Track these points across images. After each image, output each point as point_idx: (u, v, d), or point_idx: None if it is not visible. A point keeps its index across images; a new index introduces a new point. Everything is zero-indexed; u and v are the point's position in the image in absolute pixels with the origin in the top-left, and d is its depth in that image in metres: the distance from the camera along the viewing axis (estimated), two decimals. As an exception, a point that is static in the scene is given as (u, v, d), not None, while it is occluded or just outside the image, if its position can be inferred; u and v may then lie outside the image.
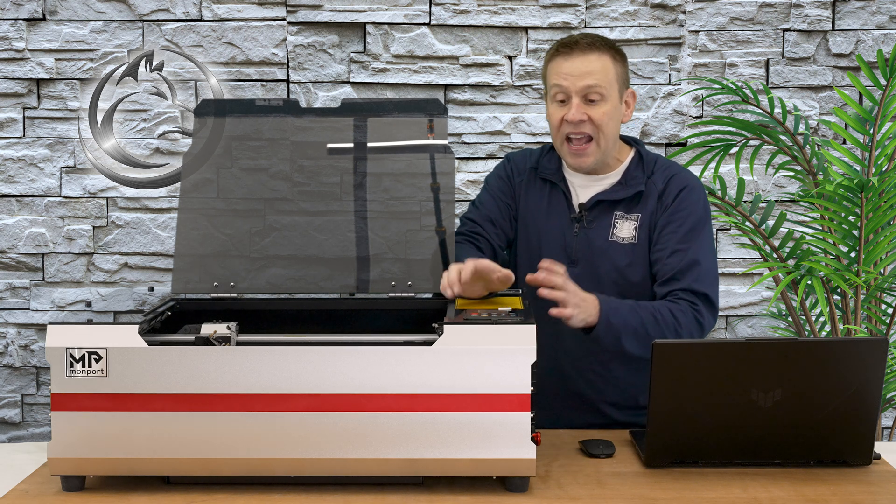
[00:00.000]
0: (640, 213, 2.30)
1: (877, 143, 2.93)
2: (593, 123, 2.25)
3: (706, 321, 2.21)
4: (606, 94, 2.25)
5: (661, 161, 2.36)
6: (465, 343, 1.78)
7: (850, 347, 1.95)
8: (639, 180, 2.31)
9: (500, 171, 2.45)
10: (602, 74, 2.24)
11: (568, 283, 2.05)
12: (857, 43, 3.40)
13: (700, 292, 2.21)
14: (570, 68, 2.25)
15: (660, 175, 2.32)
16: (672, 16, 3.41)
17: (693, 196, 2.30)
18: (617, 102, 2.28)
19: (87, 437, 1.80)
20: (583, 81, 2.24)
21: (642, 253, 2.29)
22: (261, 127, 2.21)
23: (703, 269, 2.23)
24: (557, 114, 2.27)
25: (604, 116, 2.25)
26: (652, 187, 2.31)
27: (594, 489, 1.84)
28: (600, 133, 2.25)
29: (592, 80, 2.23)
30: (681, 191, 2.29)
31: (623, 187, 2.32)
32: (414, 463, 1.80)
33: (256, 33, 3.40)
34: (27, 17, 3.38)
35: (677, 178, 2.32)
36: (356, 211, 2.19)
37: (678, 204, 2.28)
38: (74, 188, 3.44)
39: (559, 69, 2.26)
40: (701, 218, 2.29)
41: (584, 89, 2.24)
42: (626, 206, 2.31)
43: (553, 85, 2.28)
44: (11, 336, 3.47)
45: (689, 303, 2.20)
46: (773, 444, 1.93)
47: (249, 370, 1.79)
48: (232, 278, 2.15)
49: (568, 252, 2.31)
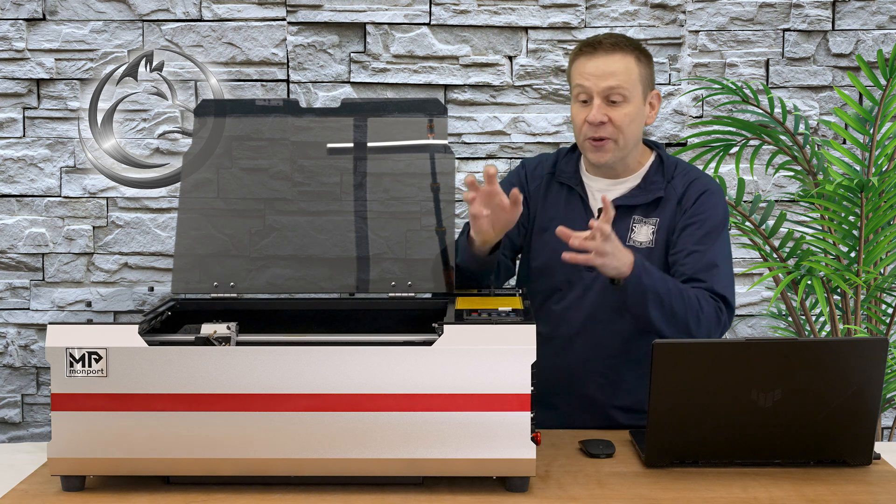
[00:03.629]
0: (659, 217, 2.28)
1: (877, 143, 2.94)
2: (614, 125, 2.23)
3: (725, 320, 2.19)
4: (629, 96, 2.23)
5: (681, 166, 2.35)
6: (465, 343, 1.78)
7: (850, 347, 1.95)
8: (658, 185, 2.30)
9: (514, 177, 2.43)
10: (625, 75, 2.23)
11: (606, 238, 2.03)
12: (857, 43, 3.40)
13: (719, 293, 2.20)
14: (593, 68, 2.23)
15: (680, 180, 2.30)
16: (672, 16, 3.42)
17: (713, 200, 2.28)
18: (640, 104, 2.26)
19: (87, 437, 1.80)
20: (605, 82, 2.22)
21: (659, 257, 2.27)
22: (261, 127, 2.21)
23: (722, 272, 2.22)
24: (580, 115, 2.26)
25: (625, 118, 2.23)
26: (671, 192, 2.29)
27: (594, 489, 1.84)
28: (621, 134, 2.24)
29: (614, 81, 2.22)
30: (701, 194, 2.28)
31: (642, 192, 2.30)
32: (414, 463, 1.80)
33: (256, 33, 3.40)
34: (27, 17, 3.38)
35: (698, 182, 2.30)
36: (356, 211, 2.19)
37: (698, 207, 2.27)
38: (74, 188, 3.44)
39: (582, 69, 2.25)
40: (720, 222, 2.28)
41: (606, 90, 2.22)
42: (644, 211, 2.29)
43: (576, 85, 2.26)
44: (11, 336, 3.47)
45: (712, 297, 2.19)
46: (773, 444, 1.93)
47: (249, 370, 1.79)
48: (232, 278, 2.14)
49: None
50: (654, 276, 2.12)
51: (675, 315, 2.11)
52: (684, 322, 2.13)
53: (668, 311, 2.11)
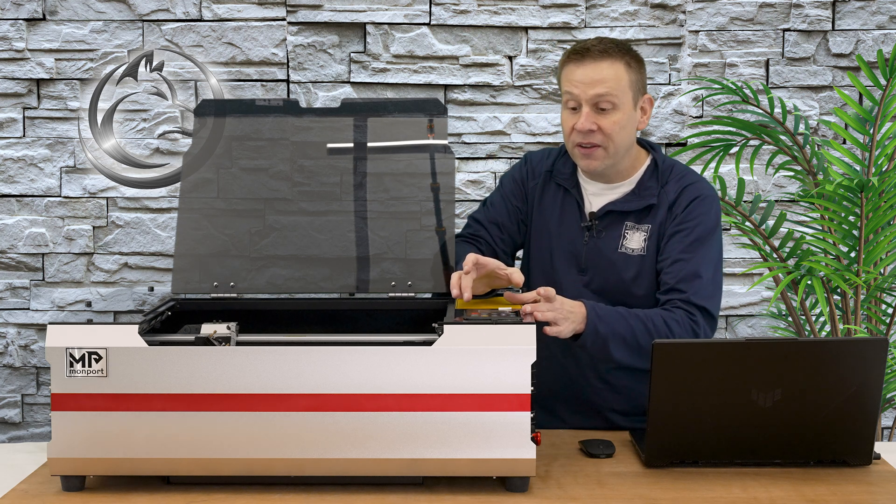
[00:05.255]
0: (651, 223, 2.27)
1: (877, 143, 2.93)
2: (603, 133, 2.20)
3: (703, 332, 2.17)
4: (618, 103, 2.20)
5: (677, 169, 2.32)
6: (465, 343, 1.78)
7: (850, 347, 1.95)
8: (652, 191, 2.27)
9: (516, 172, 2.41)
10: (614, 83, 2.19)
11: (554, 299, 2.03)
12: (857, 43, 3.40)
13: (699, 305, 2.18)
14: (581, 76, 2.20)
15: (673, 185, 2.28)
16: (672, 16, 3.42)
17: (704, 206, 2.25)
18: (630, 110, 2.23)
19: (87, 437, 1.80)
20: (593, 90, 2.19)
21: (650, 264, 2.25)
22: (261, 127, 2.21)
23: (704, 282, 2.19)
24: (569, 121, 2.24)
25: (614, 126, 2.20)
26: (664, 197, 2.27)
27: (594, 489, 1.84)
28: (610, 142, 2.21)
29: (603, 89, 2.18)
30: (692, 200, 2.25)
31: (635, 197, 2.28)
32: (414, 463, 1.80)
33: (256, 33, 3.40)
34: (27, 17, 3.38)
35: (691, 187, 2.27)
36: (356, 211, 2.19)
37: (687, 213, 2.24)
38: (74, 188, 3.44)
39: (571, 76, 2.22)
40: (709, 229, 2.25)
41: (595, 98, 2.19)
42: (636, 217, 2.27)
43: (565, 91, 2.24)
44: (11, 336, 3.47)
45: (686, 312, 2.16)
46: (773, 444, 1.93)
47: (249, 370, 1.79)
48: (232, 278, 2.15)
49: (578, 260, 2.29)
50: (611, 320, 2.10)
51: (642, 348, 2.10)
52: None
53: (634, 347, 2.10)
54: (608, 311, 2.11)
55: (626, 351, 2.10)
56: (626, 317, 2.12)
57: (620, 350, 2.10)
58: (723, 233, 3.43)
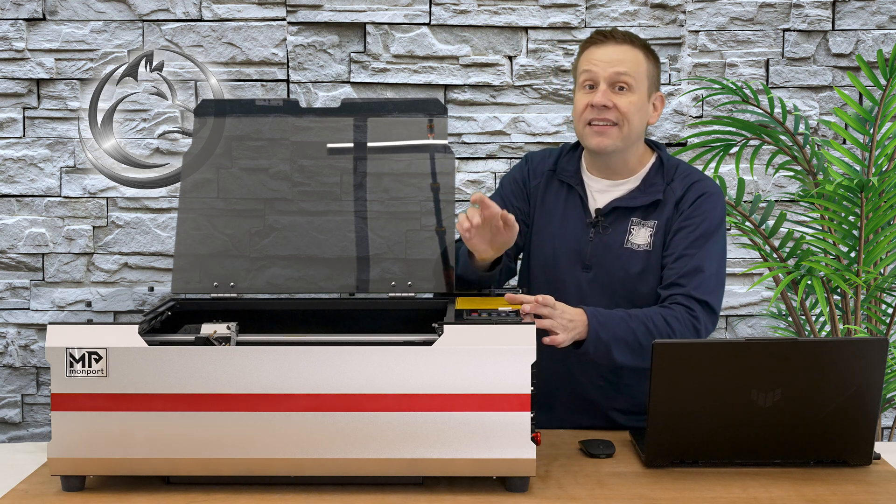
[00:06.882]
0: (657, 219, 2.27)
1: (877, 143, 2.93)
2: (619, 111, 2.22)
3: (703, 327, 2.18)
4: (635, 86, 2.24)
5: (682, 167, 2.33)
6: (465, 343, 1.78)
7: (850, 347, 1.95)
8: (658, 187, 2.28)
9: (517, 173, 2.42)
10: (633, 65, 2.24)
11: (554, 307, 2.03)
12: (857, 43, 3.40)
13: (700, 299, 2.18)
14: (602, 55, 2.24)
15: (679, 182, 2.29)
16: (672, 16, 3.42)
17: (709, 203, 2.27)
18: (645, 98, 2.26)
19: (87, 437, 1.80)
20: (613, 68, 2.23)
21: (656, 260, 2.26)
22: (261, 127, 2.21)
23: (706, 276, 2.20)
24: (583, 100, 2.25)
25: (630, 106, 2.23)
26: (670, 194, 2.28)
27: (594, 489, 1.84)
28: (625, 121, 2.23)
29: (623, 68, 2.23)
30: (699, 197, 2.26)
31: (641, 193, 2.29)
32: (414, 463, 1.80)
33: (256, 33, 3.40)
34: (27, 17, 3.38)
35: (698, 184, 2.29)
36: (356, 211, 2.19)
37: (693, 210, 2.25)
38: (74, 188, 3.44)
39: (591, 56, 2.26)
40: (714, 225, 2.26)
41: (614, 76, 2.23)
42: (642, 213, 2.28)
43: (583, 71, 2.26)
44: (11, 336, 3.47)
45: (686, 308, 2.17)
46: (773, 444, 1.93)
47: (249, 370, 1.79)
48: (232, 278, 2.15)
49: (582, 257, 2.29)
50: (612, 324, 2.10)
51: (644, 349, 2.09)
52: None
53: (637, 349, 2.11)
54: (609, 316, 2.11)
55: (629, 353, 2.11)
56: (626, 319, 2.12)
57: (623, 353, 2.10)
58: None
